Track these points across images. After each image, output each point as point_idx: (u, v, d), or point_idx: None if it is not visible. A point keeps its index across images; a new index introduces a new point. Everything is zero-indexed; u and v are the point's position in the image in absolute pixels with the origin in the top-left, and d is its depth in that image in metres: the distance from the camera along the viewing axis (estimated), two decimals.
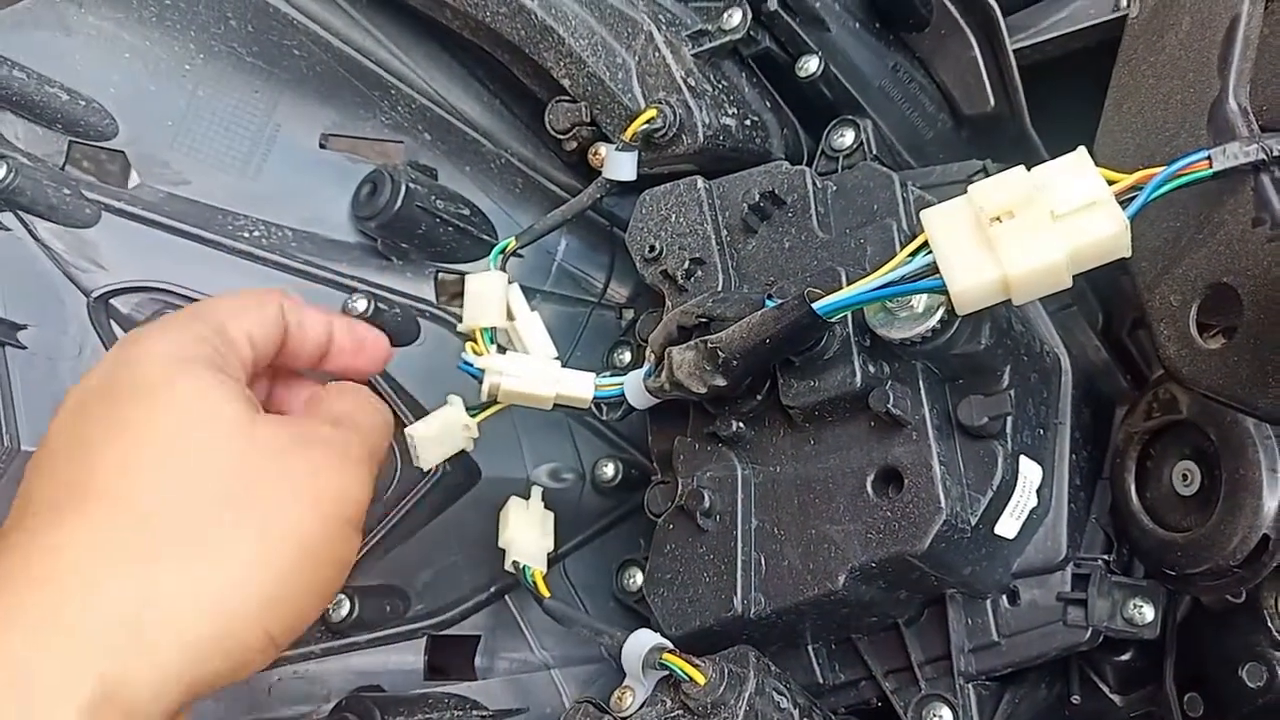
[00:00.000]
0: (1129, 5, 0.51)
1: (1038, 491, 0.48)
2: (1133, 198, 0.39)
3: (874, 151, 0.56)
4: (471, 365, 0.50)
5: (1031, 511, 0.47)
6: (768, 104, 0.60)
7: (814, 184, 0.51)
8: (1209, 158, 0.39)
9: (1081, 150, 0.40)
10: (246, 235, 0.57)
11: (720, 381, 0.46)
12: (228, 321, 0.44)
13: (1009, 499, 0.46)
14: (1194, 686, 0.51)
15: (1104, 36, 0.57)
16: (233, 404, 0.40)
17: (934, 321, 0.42)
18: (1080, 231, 0.39)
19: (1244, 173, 0.39)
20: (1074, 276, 0.39)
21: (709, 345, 0.46)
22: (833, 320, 0.43)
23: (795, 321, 0.43)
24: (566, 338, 0.54)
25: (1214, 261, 0.41)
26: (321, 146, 0.60)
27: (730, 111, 0.56)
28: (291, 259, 0.57)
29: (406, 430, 0.51)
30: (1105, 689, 0.53)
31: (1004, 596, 0.49)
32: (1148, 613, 0.48)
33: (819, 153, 0.57)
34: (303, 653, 0.55)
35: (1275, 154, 0.38)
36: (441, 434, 0.51)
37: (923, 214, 0.42)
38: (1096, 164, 0.39)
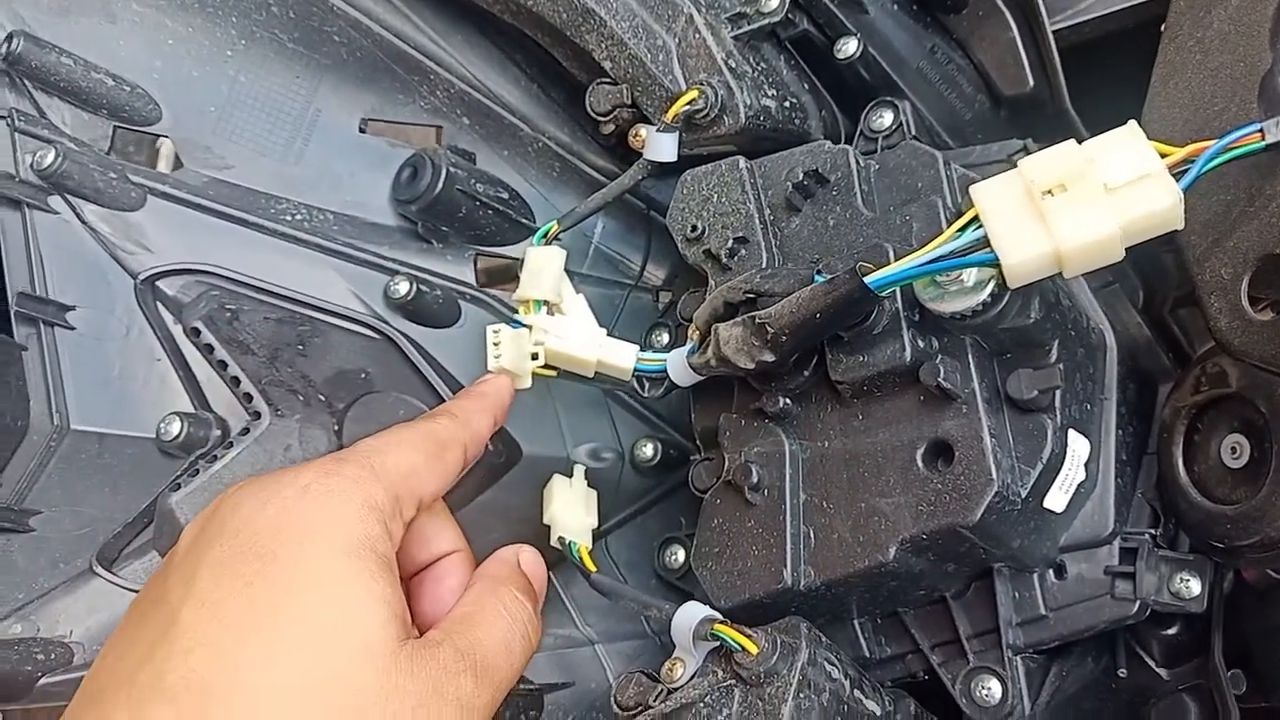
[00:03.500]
0: None
1: (1085, 465, 0.48)
2: (1185, 171, 0.39)
3: (913, 132, 0.56)
4: (521, 323, 0.52)
5: (1079, 485, 0.48)
6: (806, 86, 0.60)
7: (857, 162, 0.51)
8: (1261, 130, 0.39)
9: (1133, 124, 0.41)
10: (289, 219, 0.57)
11: (769, 357, 0.46)
12: (404, 484, 0.41)
13: (1058, 472, 0.47)
14: (1238, 661, 0.52)
15: (1142, 17, 0.57)
16: (385, 626, 0.37)
17: (984, 295, 0.43)
18: (1134, 204, 0.39)
19: None
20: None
21: (757, 320, 0.46)
22: (884, 294, 0.44)
23: (846, 296, 0.43)
24: (604, 320, 0.54)
25: (1266, 234, 0.41)
26: (361, 131, 0.61)
27: (770, 93, 0.57)
28: (333, 242, 0.57)
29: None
30: (1151, 662, 0.53)
31: (1051, 570, 0.50)
32: (1195, 586, 0.48)
33: (858, 134, 0.58)
34: None
35: None
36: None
37: (972, 189, 0.42)
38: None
